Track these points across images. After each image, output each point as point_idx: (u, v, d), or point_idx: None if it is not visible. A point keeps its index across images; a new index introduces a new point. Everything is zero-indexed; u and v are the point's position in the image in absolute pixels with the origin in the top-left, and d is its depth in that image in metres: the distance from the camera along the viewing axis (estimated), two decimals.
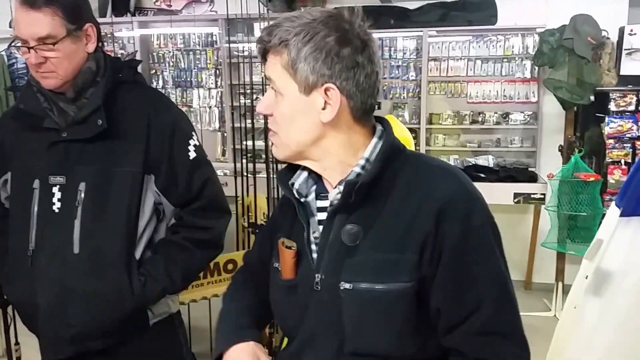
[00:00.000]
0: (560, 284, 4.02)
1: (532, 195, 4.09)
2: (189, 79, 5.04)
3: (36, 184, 1.50)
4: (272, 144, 1.06)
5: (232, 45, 4.37)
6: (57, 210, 1.48)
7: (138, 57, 5.03)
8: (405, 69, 4.65)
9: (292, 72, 0.99)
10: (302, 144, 1.03)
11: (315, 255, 1.06)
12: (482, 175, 4.20)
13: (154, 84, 5.19)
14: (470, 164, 4.47)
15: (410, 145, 2.43)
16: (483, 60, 4.49)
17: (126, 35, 5.14)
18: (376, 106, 1.07)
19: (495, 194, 4.15)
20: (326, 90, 0.99)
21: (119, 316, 1.49)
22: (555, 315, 3.95)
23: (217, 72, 4.94)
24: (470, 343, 0.99)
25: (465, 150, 4.63)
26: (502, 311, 1.00)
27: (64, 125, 1.49)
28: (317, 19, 0.98)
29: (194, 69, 5.01)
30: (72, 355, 1.48)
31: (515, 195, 4.11)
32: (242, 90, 4.17)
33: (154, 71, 5.19)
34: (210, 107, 4.99)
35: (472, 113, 4.58)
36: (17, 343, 2.52)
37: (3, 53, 4.59)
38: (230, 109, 4.62)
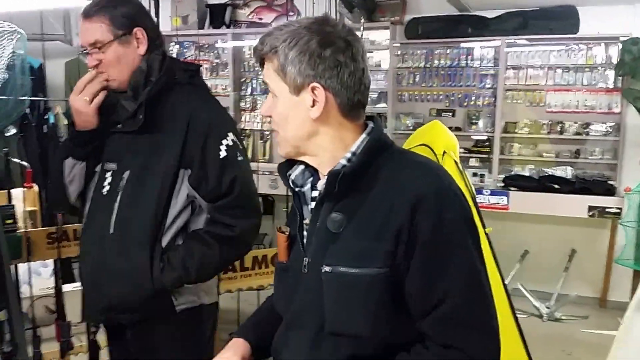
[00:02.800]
0: None
1: (607, 209, 3.93)
2: None
3: (98, 168, 1.76)
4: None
5: None
6: (105, 193, 1.69)
7: (230, 67, 5.49)
8: (481, 77, 4.65)
9: (282, 76, 1.07)
10: (298, 140, 1.11)
11: (305, 241, 1.15)
12: (556, 186, 4.10)
13: (244, 91, 5.59)
14: (547, 174, 4.37)
15: (455, 150, 2.51)
16: (564, 69, 4.38)
17: (221, 46, 5.57)
18: (364, 102, 1.13)
19: (569, 206, 4.05)
20: (312, 89, 1.06)
21: (141, 295, 1.62)
22: None
23: None
24: (438, 330, 1.04)
25: (542, 160, 4.52)
26: (470, 302, 1.03)
27: (121, 119, 1.71)
28: (302, 25, 1.07)
29: None
30: (107, 325, 1.72)
31: (590, 208, 3.98)
32: None
33: (244, 79, 5.57)
34: None
35: (550, 122, 4.47)
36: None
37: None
38: None
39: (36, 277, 3.47)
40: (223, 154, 1.65)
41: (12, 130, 4.25)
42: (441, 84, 4.85)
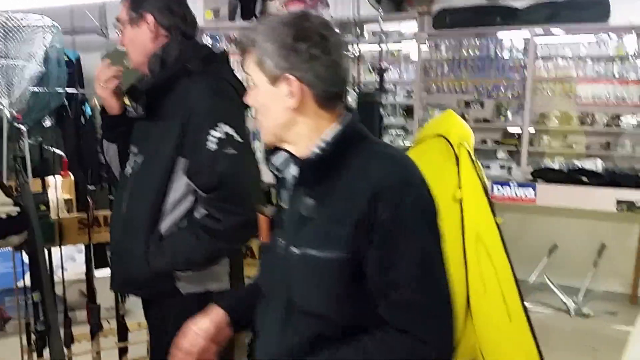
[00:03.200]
0: None
1: (636, 204, 3.85)
2: None
3: (131, 148, 1.84)
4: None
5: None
6: (127, 175, 1.82)
7: None
8: (511, 68, 4.59)
9: (261, 67, 1.13)
10: (277, 128, 1.17)
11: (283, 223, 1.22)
12: (585, 179, 4.03)
13: None
14: (576, 167, 4.30)
15: (469, 140, 2.50)
16: (594, 60, 4.30)
17: None
18: (341, 94, 1.17)
19: (597, 200, 3.99)
20: (288, 80, 1.11)
21: (141, 275, 1.72)
22: None
23: None
24: (394, 315, 1.09)
25: (572, 152, 4.46)
26: (423, 289, 1.08)
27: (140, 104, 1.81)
28: (282, 20, 1.12)
29: None
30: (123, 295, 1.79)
31: (619, 202, 3.90)
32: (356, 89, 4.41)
33: None
34: None
35: (581, 114, 4.40)
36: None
37: None
38: None
39: (71, 263, 3.64)
40: (214, 146, 1.64)
41: (49, 121, 4.42)
42: (470, 75, 4.81)
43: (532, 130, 4.52)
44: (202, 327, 1.30)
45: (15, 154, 3.21)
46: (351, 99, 4.43)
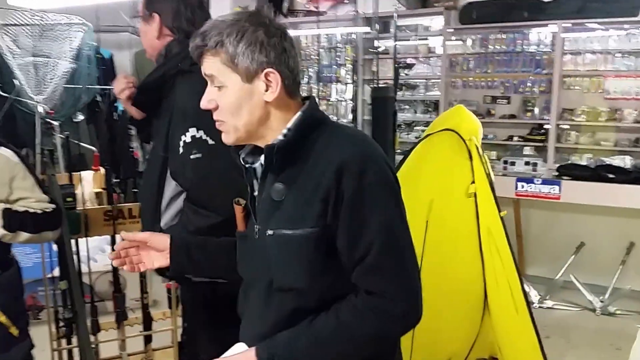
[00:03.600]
0: None
1: None
2: (328, 75, 5.46)
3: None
4: (221, 132, 1.26)
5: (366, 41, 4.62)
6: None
7: None
8: (538, 62, 4.53)
9: (233, 67, 1.17)
10: (250, 125, 1.21)
11: (256, 211, 1.28)
12: (611, 175, 3.96)
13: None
14: (604, 163, 4.23)
15: (477, 133, 2.51)
16: (624, 54, 4.20)
17: None
18: (299, 82, 1.25)
19: (624, 197, 3.92)
20: (267, 74, 1.17)
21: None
22: None
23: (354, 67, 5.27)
24: (363, 280, 1.18)
25: (599, 149, 4.37)
26: (388, 253, 1.16)
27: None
28: (242, 18, 1.17)
29: (334, 65, 5.41)
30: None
31: None
32: (373, 85, 4.45)
33: (300, 67, 5.68)
34: (345, 101, 5.35)
35: (609, 110, 4.31)
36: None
37: None
38: (362, 102, 4.93)
39: (101, 254, 3.76)
40: (182, 150, 1.71)
41: (80, 117, 4.57)
42: (496, 70, 4.77)
43: (560, 125, 4.45)
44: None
45: (43, 148, 3.35)
46: (366, 94, 4.46)
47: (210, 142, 1.68)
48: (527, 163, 4.44)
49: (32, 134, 3.89)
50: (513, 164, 4.49)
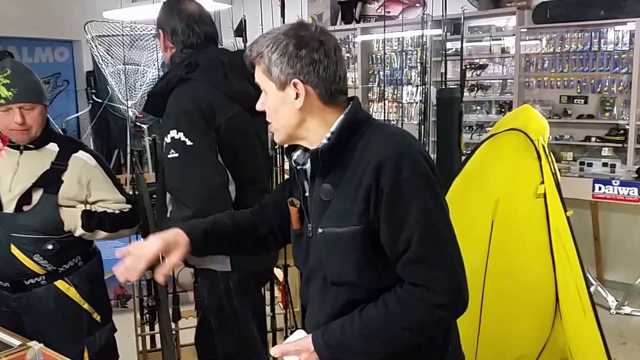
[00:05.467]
0: None
1: None
2: (399, 77, 5.52)
3: None
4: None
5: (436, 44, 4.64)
6: None
7: (359, 59, 5.73)
8: (616, 61, 4.39)
9: (269, 75, 1.28)
10: (289, 128, 1.31)
11: (309, 210, 1.36)
12: None
13: (372, 83, 5.82)
14: None
15: (544, 133, 2.49)
16: None
17: (353, 40, 5.85)
18: (342, 90, 1.31)
19: None
20: (294, 84, 1.25)
21: None
22: None
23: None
24: (407, 272, 1.23)
25: None
26: (429, 244, 1.20)
27: None
28: (282, 31, 1.26)
29: (405, 67, 5.46)
30: None
31: None
32: (444, 87, 4.47)
33: (371, 71, 5.79)
34: (416, 103, 5.39)
35: None
36: None
37: None
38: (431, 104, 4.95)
39: None
40: (164, 149, 1.88)
41: None
42: (572, 69, 4.65)
43: (638, 126, 4.29)
44: (155, 240, 1.37)
45: (133, 149, 3.61)
46: (432, 95, 4.48)
47: (189, 143, 1.83)
48: (604, 164, 4.31)
49: (123, 137, 4.21)
50: (590, 165, 4.37)
